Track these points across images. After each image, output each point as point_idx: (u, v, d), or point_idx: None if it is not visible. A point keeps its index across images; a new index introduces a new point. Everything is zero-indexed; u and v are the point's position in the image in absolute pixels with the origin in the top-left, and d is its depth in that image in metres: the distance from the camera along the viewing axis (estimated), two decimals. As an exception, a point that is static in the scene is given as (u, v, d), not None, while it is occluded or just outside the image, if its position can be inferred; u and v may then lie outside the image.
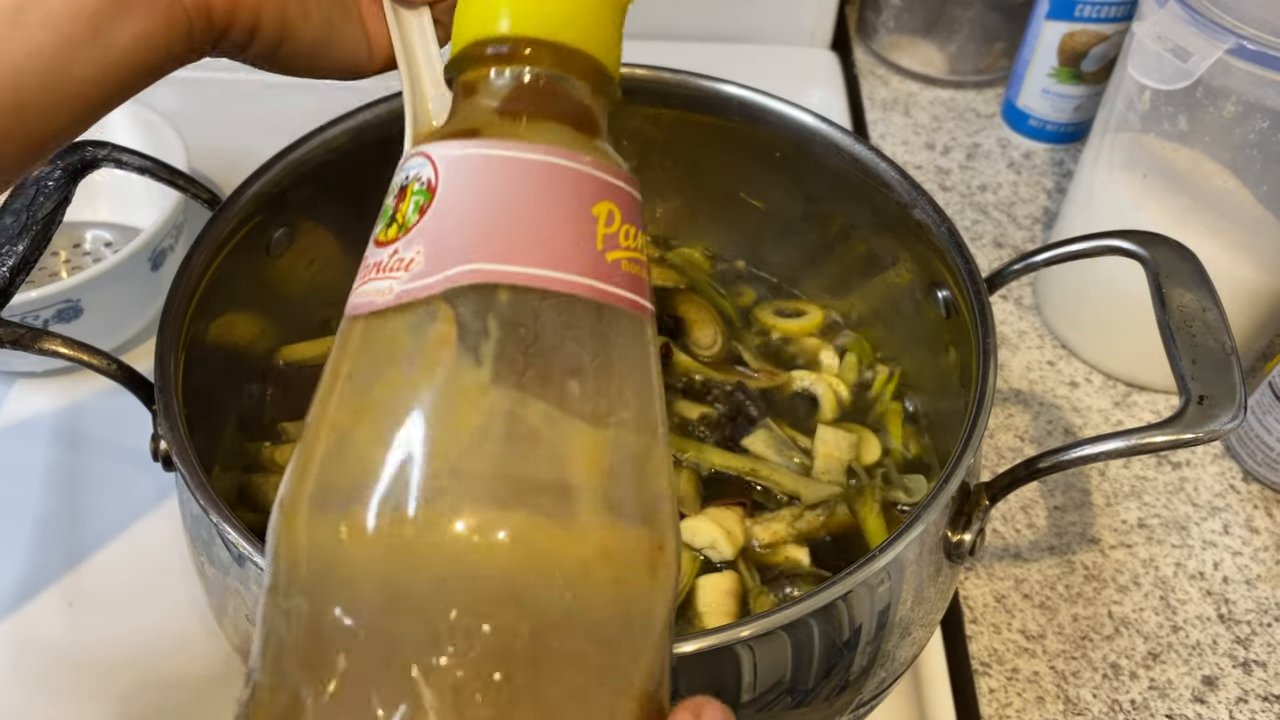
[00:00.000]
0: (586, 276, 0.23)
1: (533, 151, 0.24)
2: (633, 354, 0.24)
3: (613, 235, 0.24)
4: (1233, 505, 0.62)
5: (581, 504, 0.22)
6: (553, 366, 0.22)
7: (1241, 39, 0.53)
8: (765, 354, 0.59)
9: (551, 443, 0.22)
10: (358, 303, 0.24)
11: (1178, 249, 0.48)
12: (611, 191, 0.24)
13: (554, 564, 0.21)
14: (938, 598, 0.45)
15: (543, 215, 0.23)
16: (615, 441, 0.23)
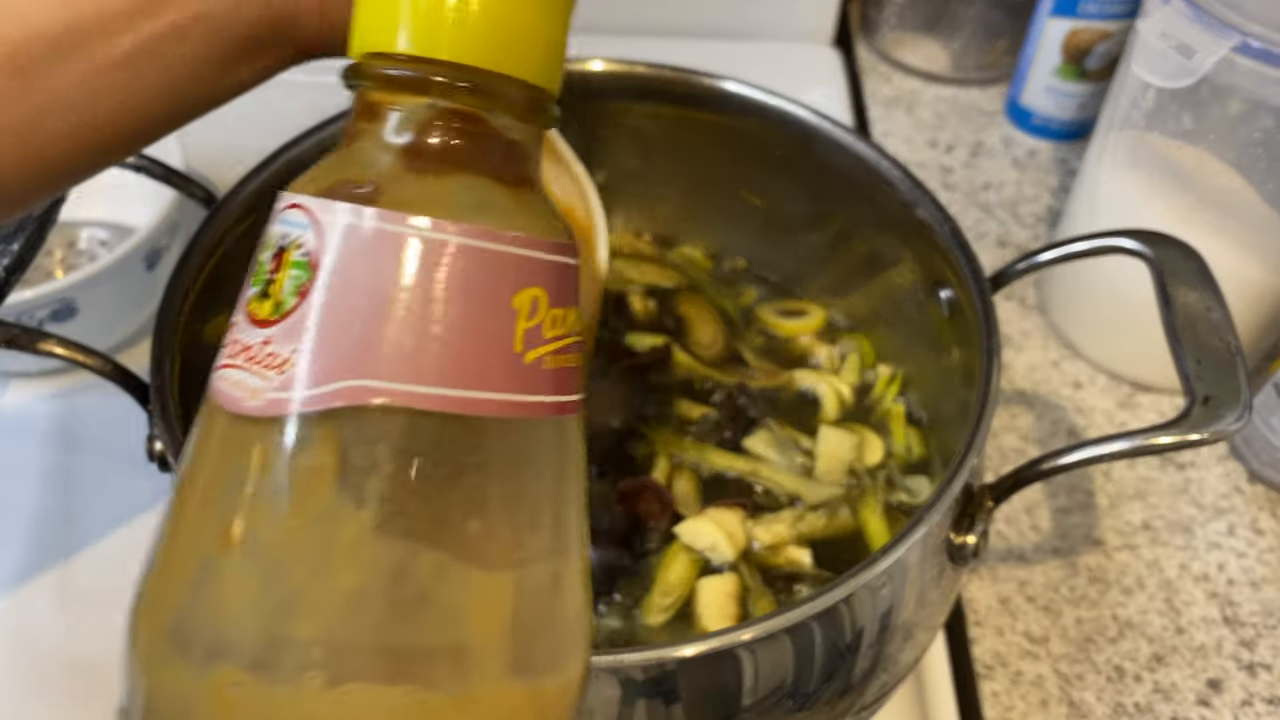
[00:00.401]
0: (500, 391, 0.19)
1: (442, 231, 0.19)
2: (550, 465, 0.20)
3: (535, 329, 0.20)
4: (1238, 507, 0.62)
5: (478, 669, 0.19)
6: (451, 505, 0.19)
7: (1247, 36, 0.52)
8: (766, 354, 0.59)
9: (445, 601, 0.19)
10: (222, 389, 0.20)
11: (1182, 248, 0.48)
12: (538, 272, 0.20)
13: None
14: (941, 600, 0.45)
15: (450, 317, 0.19)
16: (521, 585, 0.20)
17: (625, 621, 0.47)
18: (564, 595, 0.20)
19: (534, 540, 0.20)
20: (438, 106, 0.20)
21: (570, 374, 0.21)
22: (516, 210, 0.20)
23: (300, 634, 0.18)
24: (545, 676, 0.20)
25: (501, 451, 0.19)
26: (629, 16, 0.91)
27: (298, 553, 0.18)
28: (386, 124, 0.21)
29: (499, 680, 0.19)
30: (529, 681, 0.19)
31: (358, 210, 0.19)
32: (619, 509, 0.49)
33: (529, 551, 0.20)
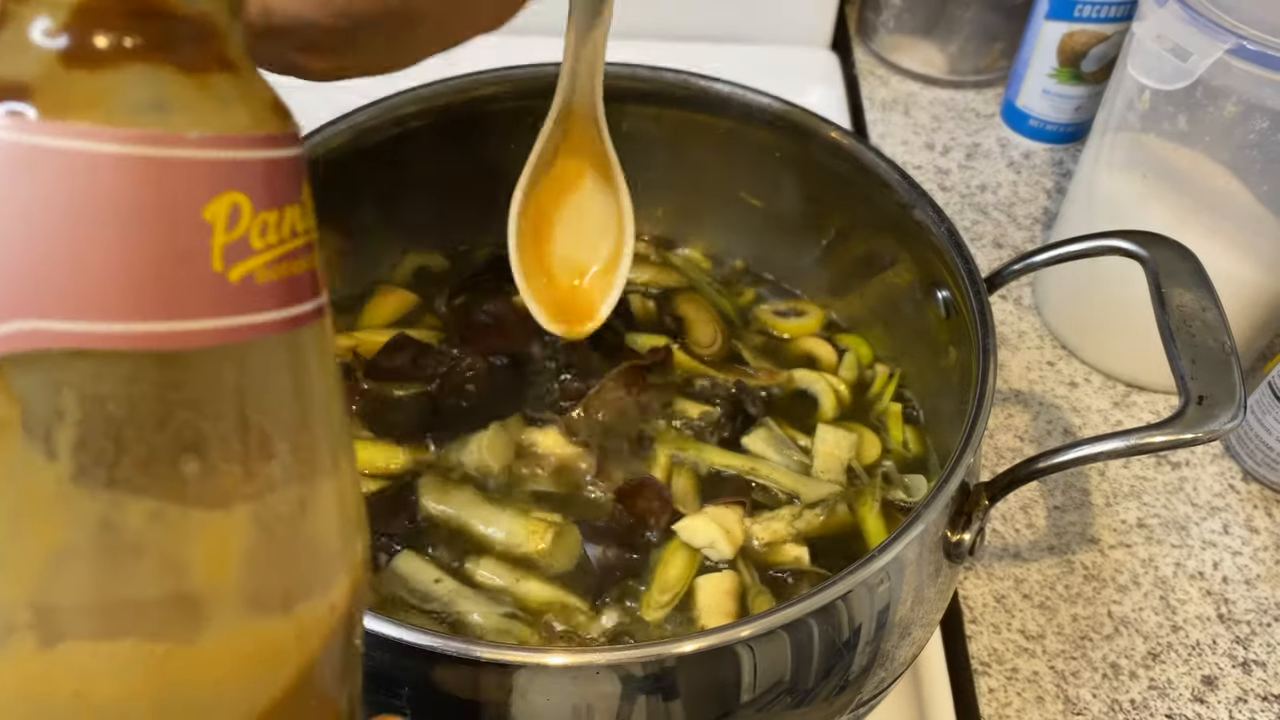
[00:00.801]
0: (201, 318, 0.16)
1: (109, 140, 0.15)
2: (282, 387, 0.18)
3: (239, 241, 0.16)
4: (1232, 505, 0.62)
5: (212, 614, 0.17)
6: (158, 447, 0.16)
7: (1241, 39, 0.53)
8: (765, 353, 0.59)
9: (163, 549, 0.17)
10: None
11: (1177, 249, 0.48)
12: (234, 175, 0.16)
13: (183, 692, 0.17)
14: (937, 597, 0.45)
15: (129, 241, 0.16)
16: (257, 518, 0.18)
17: (624, 618, 0.47)
18: (314, 520, 0.19)
19: (268, 469, 0.18)
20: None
21: (297, 282, 0.18)
22: (204, 103, 0.17)
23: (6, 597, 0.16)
24: (297, 607, 0.18)
25: (216, 383, 0.17)
26: (629, 20, 0.91)
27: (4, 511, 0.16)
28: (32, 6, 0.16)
29: (238, 621, 0.18)
30: (277, 616, 0.18)
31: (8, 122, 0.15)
32: (619, 507, 0.50)
33: (263, 482, 0.18)
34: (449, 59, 0.51)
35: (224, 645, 0.17)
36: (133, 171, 0.16)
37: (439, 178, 0.60)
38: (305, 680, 0.19)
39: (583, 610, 0.47)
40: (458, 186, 0.61)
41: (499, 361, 0.55)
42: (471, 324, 0.58)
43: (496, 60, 0.56)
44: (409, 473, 0.51)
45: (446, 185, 0.61)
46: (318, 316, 0.19)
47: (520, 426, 0.53)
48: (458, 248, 0.63)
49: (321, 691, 0.19)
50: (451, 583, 0.47)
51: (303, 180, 0.18)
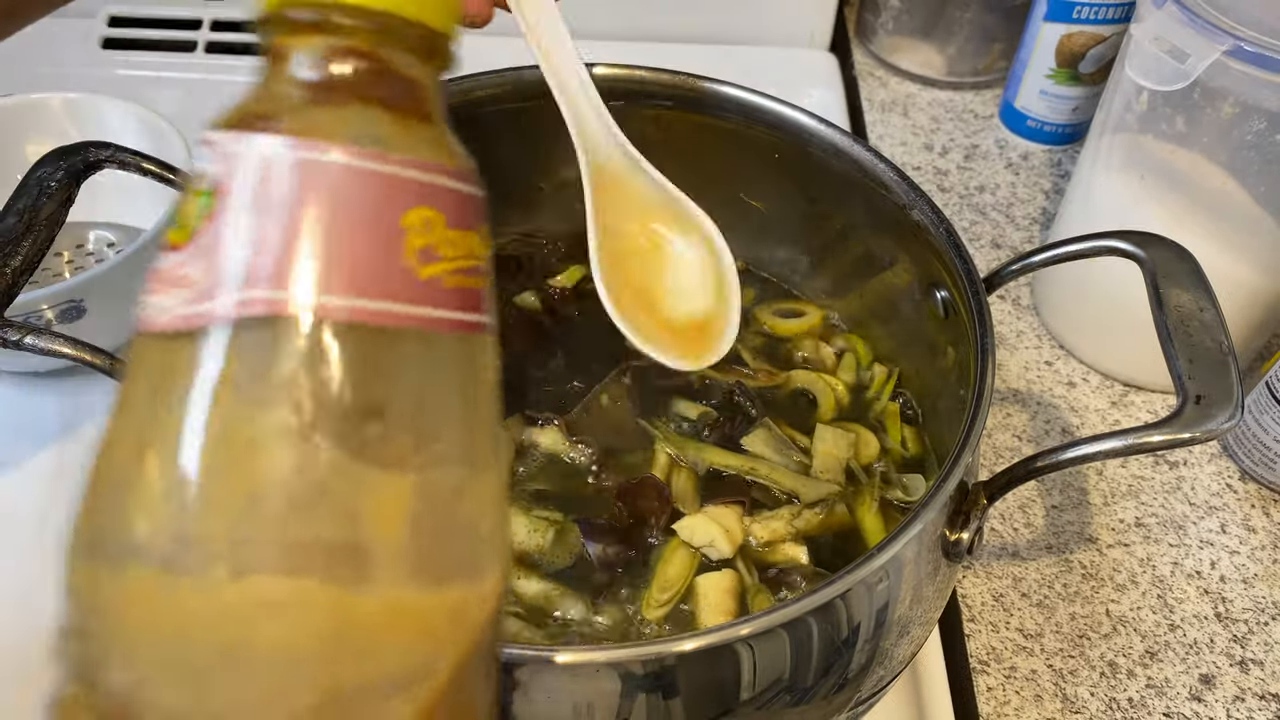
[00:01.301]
0: (389, 300, 0.20)
1: (329, 151, 0.20)
2: (452, 379, 0.21)
3: (429, 247, 0.21)
4: (1230, 504, 0.62)
5: (377, 565, 0.20)
6: (348, 409, 0.20)
7: (1239, 40, 0.53)
8: (764, 354, 0.60)
9: (344, 498, 0.19)
10: (143, 315, 0.21)
11: (1175, 249, 0.49)
12: (429, 194, 0.21)
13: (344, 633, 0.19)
14: (936, 596, 0.45)
15: (338, 231, 0.20)
16: (422, 488, 0.20)
17: (624, 617, 0.47)
18: (469, 507, 0.21)
19: (434, 448, 0.21)
20: (335, 45, 0.21)
21: (472, 295, 0.22)
22: (409, 139, 0.21)
23: (206, 530, 0.19)
24: (450, 584, 0.21)
25: (397, 360, 0.20)
26: (629, 22, 0.92)
27: (203, 453, 0.19)
28: (290, 64, 0.21)
29: (400, 582, 0.20)
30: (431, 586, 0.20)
31: (253, 138, 0.20)
32: (619, 506, 0.50)
33: (428, 457, 0.20)
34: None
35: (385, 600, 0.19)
36: (350, 178, 0.20)
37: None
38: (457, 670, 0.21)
39: (583, 608, 0.47)
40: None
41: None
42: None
43: (497, 61, 0.57)
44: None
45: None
46: (485, 330, 0.22)
47: (521, 426, 0.53)
48: (458, 248, 0.64)
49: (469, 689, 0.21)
50: (452, 581, 0.47)
51: (482, 217, 0.22)
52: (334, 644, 0.19)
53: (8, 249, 0.45)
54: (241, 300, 0.19)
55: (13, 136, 0.71)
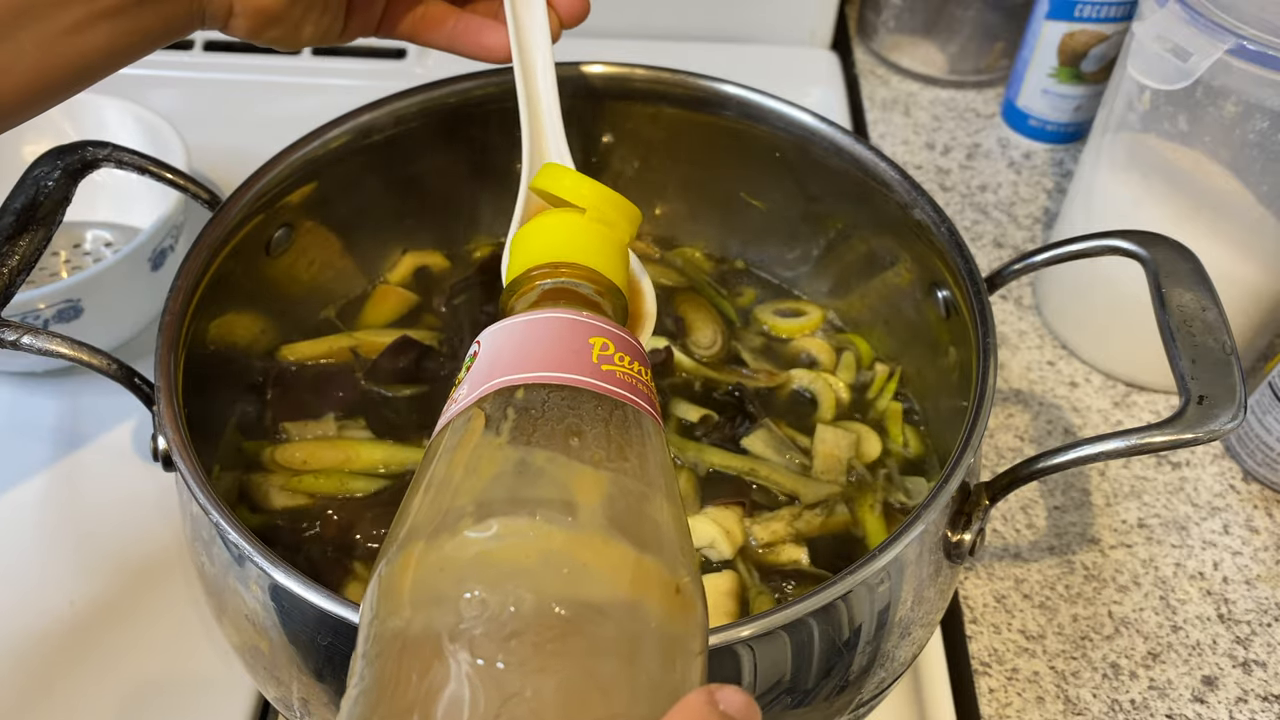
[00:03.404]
0: (581, 374, 0.31)
1: (544, 312, 0.34)
2: (629, 431, 0.31)
3: (607, 355, 0.33)
4: (1232, 505, 0.62)
5: (581, 515, 0.28)
6: (556, 431, 0.30)
7: (1242, 39, 0.53)
8: (765, 354, 0.59)
9: (554, 475, 0.29)
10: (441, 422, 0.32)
11: (1178, 249, 0.48)
12: (608, 333, 0.33)
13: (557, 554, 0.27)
14: (937, 597, 0.45)
15: (548, 343, 0.32)
16: (613, 480, 0.29)
17: (625, 619, 0.47)
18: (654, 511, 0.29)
19: (621, 463, 0.30)
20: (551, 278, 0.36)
21: (637, 388, 0.33)
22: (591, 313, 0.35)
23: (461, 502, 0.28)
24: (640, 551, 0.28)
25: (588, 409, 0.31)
26: (629, 20, 0.92)
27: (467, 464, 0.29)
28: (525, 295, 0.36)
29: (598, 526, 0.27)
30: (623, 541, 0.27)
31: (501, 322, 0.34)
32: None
33: (617, 467, 0.29)
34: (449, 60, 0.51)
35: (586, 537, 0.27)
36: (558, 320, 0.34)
37: (439, 178, 0.60)
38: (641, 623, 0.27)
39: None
40: (458, 186, 0.61)
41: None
42: (472, 324, 0.58)
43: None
44: (409, 472, 0.51)
45: (446, 185, 0.61)
46: (649, 415, 0.33)
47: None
48: (458, 248, 0.64)
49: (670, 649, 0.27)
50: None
51: (647, 361, 0.35)
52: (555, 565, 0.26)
53: (4, 248, 0.45)
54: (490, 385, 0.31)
55: (10, 135, 0.70)
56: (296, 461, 0.52)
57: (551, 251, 0.37)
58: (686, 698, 0.25)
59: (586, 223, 0.38)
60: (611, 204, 0.38)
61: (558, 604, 0.25)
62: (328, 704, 0.39)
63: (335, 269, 0.59)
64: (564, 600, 0.25)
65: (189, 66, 0.87)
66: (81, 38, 0.39)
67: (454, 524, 0.27)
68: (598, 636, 0.26)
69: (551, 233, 0.37)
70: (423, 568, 0.27)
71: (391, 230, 0.61)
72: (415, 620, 0.26)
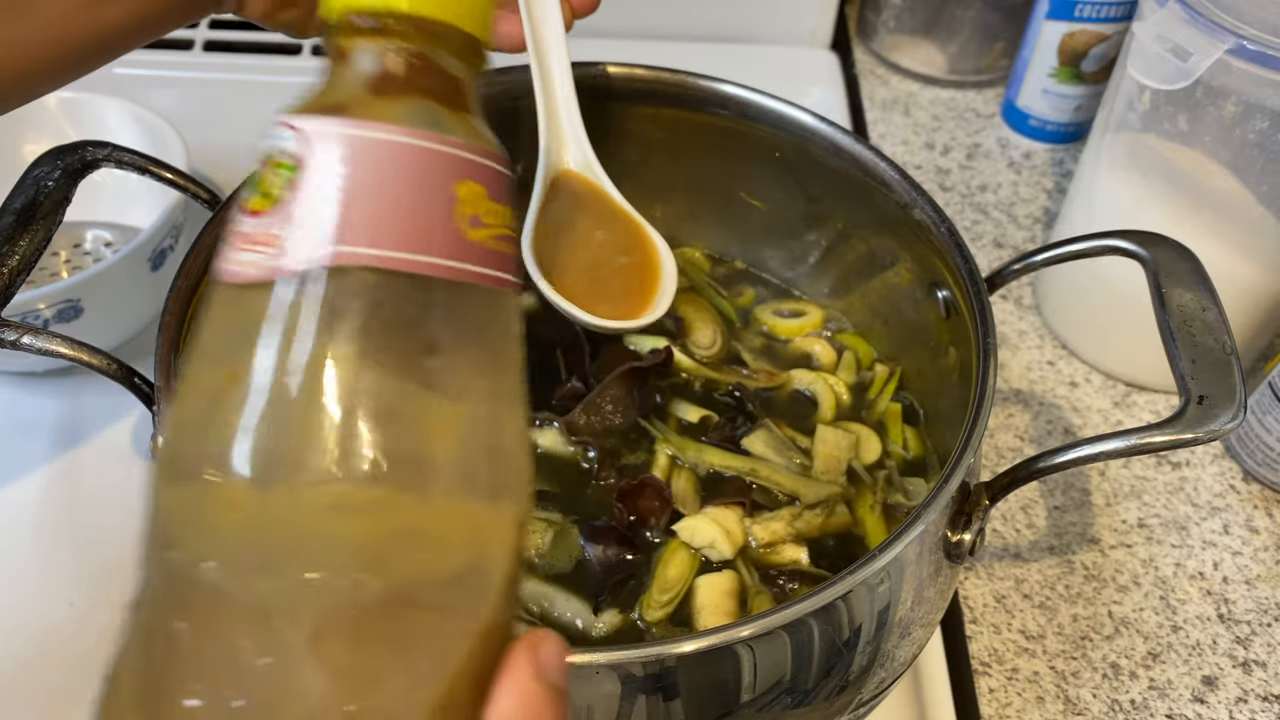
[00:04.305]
0: (444, 257, 0.24)
1: (396, 133, 0.24)
2: (488, 327, 0.25)
3: (476, 215, 0.25)
4: (1233, 505, 0.62)
5: (437, 476, 0.23)
6: (410, 344, 0.24)
7: (1241, 39, 0.53)
8: (765, 354, 0.59)
9: (410, 419, 0.23)
10: (227, 269, 0.24)
11: (1178, 249, 0.48)
12: (475, 170, 0.25)
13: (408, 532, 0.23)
14: (937, 597, 0.45)
15: (403, 197, 0.24)
16: (470, 417, 0.24)
17: (625, 618, 0.47)
18: (506, 438, 0.25)
19: (480, 384, 0.25)
20: (391, 47, 0.25)
21: (505, 258, 0.26)
22: (456, 125, 0.25)
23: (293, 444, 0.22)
24: (496, 502, 0.24)
25: (449, 306, 0.24)
26: (629, 20, 0.92)
27: (290, 378, 0.23)
28: (353, 63, 0.26)
29: (454, 489, 0.23)
30: (480, 499, 0.24)
31: (330, 121, 0.24)
32: (619, 507, 0.50)
33: (475, 392, 0.24)
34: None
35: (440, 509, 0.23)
36: (411, 155, 0.24)
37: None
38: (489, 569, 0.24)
39: (583, 610, 0.47)
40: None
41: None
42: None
43: (496, 60, 0.56)
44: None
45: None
46: (517, 290, 0.26)
47: (520, 426, 0.53)
48: (458, 248, 0.63)
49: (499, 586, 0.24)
50: (451, 583, 0.47)
51: (513, 195, 0.26)
52: (399, 540, 0.23)
53: (4, 248, 0.45)
54: (325, 255, 0.23)
55: (10, 136, 0.70)
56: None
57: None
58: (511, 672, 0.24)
59: None
60: None
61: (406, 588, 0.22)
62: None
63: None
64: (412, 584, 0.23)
65: (189, 67, 0.87)
66: (101, 9, 0.39)
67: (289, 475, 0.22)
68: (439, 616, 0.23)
69: None
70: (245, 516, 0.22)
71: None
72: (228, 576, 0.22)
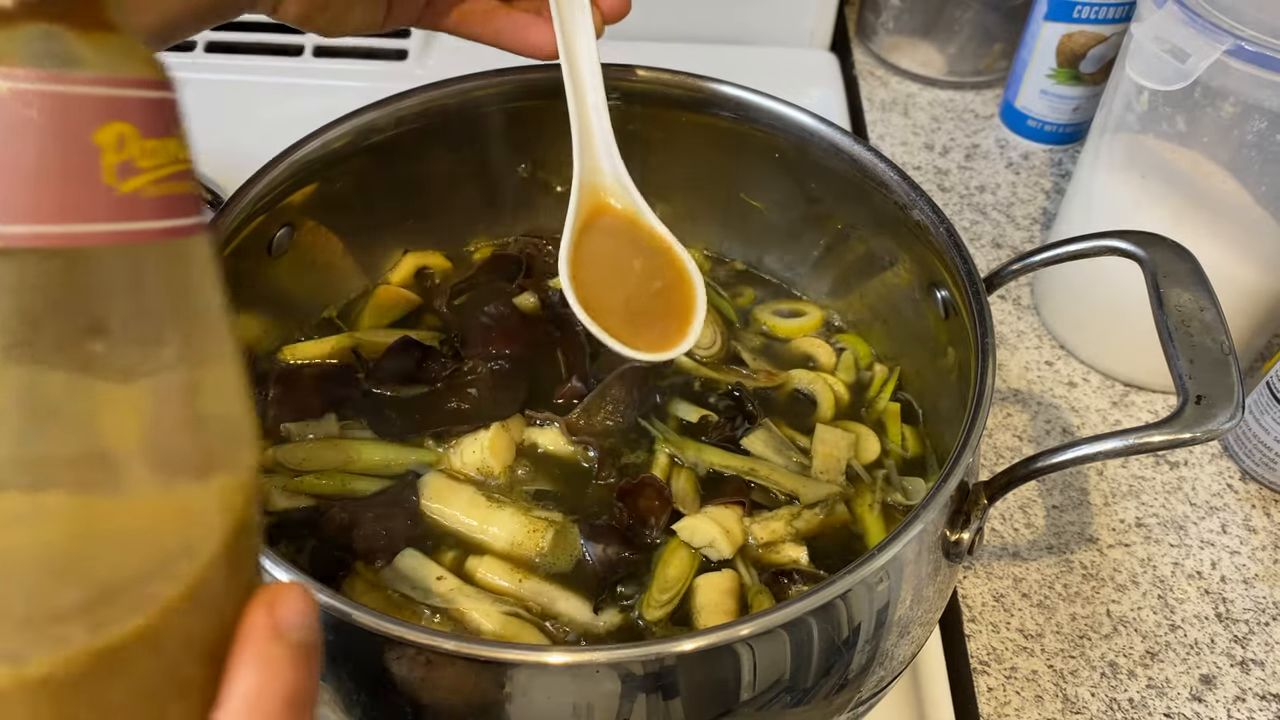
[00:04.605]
0: (96, 222, 0.20)
1: (10, 79, 0.20)
2: (168, 285, 0.22)
3: (127, 161, 0.21)
4: (1230, 505, 0.62)
5: (125, 470, 0.21)
6: (68, 329, 0.20)
7: (1240, 40, 0.53)
8: (764, 354, 0.60)
9: (78, 413, 0.20)
10: None
11: (1176, 249, 0.49)
12: (120, 107, 0.21)
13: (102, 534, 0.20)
14: (936, 596, 0.45)
15: (31, 159, 0.20)
16: (156, 392, 0.21)
17: (625, 617, 0.47)
18: (208, 402, 0.22)
19: (162, 353, 0.21)
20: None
21: (180, 200, 0.22)
22: (91, 53, 0.21)
23: None
24: (206, 476, 0.22)
25: (112, 276, 0.21)
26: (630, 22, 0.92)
27: None
28: None
29: (150, 479, 0.21)
30: (185, 480, 0.21)
31: None
32: (619, 506, 0.50)
33: (158, 362, 0.21)
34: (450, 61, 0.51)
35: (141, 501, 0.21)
36: (34, 103, 0.19)
37: (439, 178, 0.60)
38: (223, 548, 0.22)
39: (583, 609, 0.47)
40: (458, 186, 0.61)
41: (499, 364, 0.55)
42: (472, 325, 0.58)
43: (497, 60, 0.57)
44: (411, 473, 0.51)
45: (447, 185, 0.61)
46: (197, 231, 0.22)
47: (521, 427, 0.53)
48: (458, 248, 0.64)
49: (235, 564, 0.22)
50: (453, 581, 0.47)
51: (180, 117, 0.22)
52: (93, 544, 0.20)
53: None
54: None
55: (12, 136, 0.70)
56: (297, 462, 0.52)
57: None
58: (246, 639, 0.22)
59: None
60: None
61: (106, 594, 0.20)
62: (327, 701, 0.40)
63: (336, 269, 0.59)
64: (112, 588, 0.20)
65: (190, 67, 0.87)
66: None
67: None
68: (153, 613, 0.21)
69: None
70: None
71: (392, 230, 0.61)
72: None
